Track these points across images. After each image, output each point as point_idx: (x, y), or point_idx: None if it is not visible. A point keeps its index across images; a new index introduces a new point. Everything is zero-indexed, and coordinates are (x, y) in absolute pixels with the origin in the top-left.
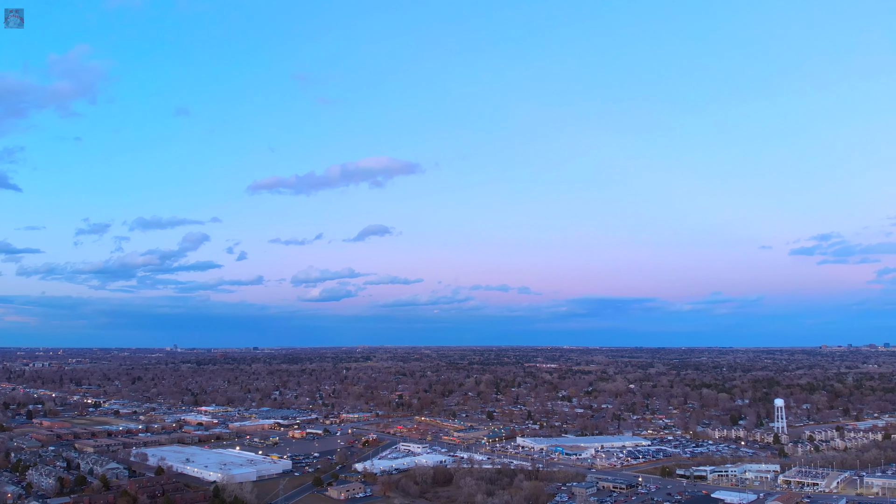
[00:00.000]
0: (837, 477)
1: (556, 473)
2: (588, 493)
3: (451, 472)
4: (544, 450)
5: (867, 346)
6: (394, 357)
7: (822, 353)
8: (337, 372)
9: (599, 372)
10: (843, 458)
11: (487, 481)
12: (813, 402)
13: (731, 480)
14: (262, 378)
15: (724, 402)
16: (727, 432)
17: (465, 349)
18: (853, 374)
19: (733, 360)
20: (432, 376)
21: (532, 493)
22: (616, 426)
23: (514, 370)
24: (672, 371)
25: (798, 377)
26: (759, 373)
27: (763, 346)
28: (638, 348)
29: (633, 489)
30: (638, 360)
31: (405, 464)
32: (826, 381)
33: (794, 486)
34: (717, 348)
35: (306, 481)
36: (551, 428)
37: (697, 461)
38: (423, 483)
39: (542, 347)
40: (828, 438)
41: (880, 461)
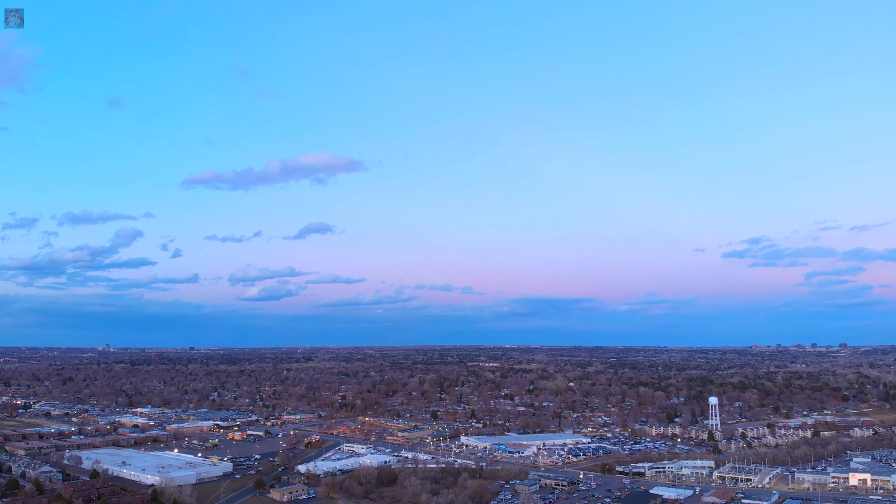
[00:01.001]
0: (769, 473)
1: (499, 472)
2: (531, 491)
3: (396, 472)
4: (488, 448)
5: (795, 347)
6: (336, 357)
7: (752, 352)
8: (277, 373)
9: (540, 371)
10: (775, 455)
11: (432, 481)
12: (745, 400)
13: (668, 477)
14: (200, 379)
15: (661, 401)
16: (664, 429)
17: (408, 349)
18: (782, 374)
19: (668, 360)
20: (376, 376)
21: (476, 491)
22: (557, 424)
23: (457, 369)
24: (610, 370)
25: (730, 376)
26: (693, 372)
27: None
28: (577, 347)
29: (575, 486)
30: (577, 359)
31: (349, 465)
32: (757, 380)
33: (729, 482)
34: (653, 347)
35: (248, 483)
36: (494, 426)
37: (636, 458)
38: (367, 484)
39: (485, 346)
40: (759, 435)
41: (810, 458)
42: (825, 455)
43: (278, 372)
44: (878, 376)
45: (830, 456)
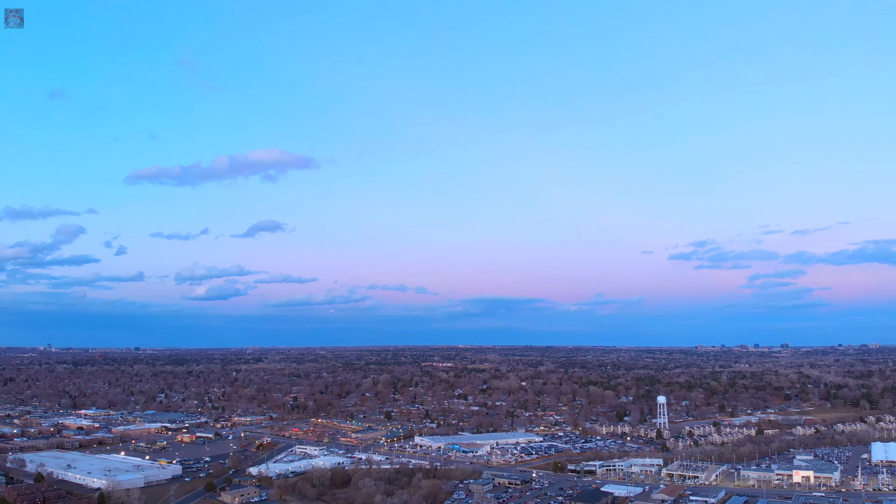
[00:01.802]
0: (716, 470)
1: (453, 471)
2: (484, 490)
3: (350, 474)
4: (442, 448)
5: (739, 347)
6: (287, 358)
7: (697, 352)
8: (226, 374)
9: (493, 370)
10: (721, 452)
11: (386, 481)
12: (691, 399)
13: (618, 474)
14: (146, 380)
15: (610, 400)
16: (614, 428)
17: (361, 349)
18: (727, 373)
19: (616, 359)
20: (328, 377)
21: (431, 491)
22: (510, 423)
23: (411, 370)
24: (561, 369)
25: (677, 375)
26: (640, 371)
27: (643, 346)
28: (528, 347)
29: (528, 485)
30: (528, 359)
31: (302, 466)
32: (702, 380)
33: (677, 479)
34: (602, 347)
35: (198, 486)
36: (448, 426)
37: (587, 456)
38: (320, 485)
39: (439, 347)
40: (706, 434)
41: (754, 455)
42: (769, 453)
43: (227, 373)
44: (818, 376)
45: (774, 454)
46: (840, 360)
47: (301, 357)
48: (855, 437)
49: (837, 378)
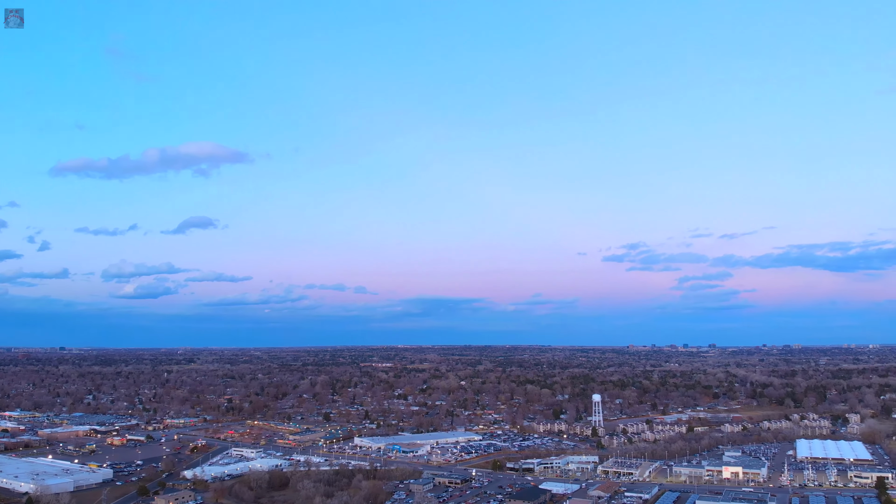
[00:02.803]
0: (649, 467)
1: (394, 472)
2: (425, 490)
3: (288, 476)
4: (382, 449)
5: (669, 347)
6: (220, 359)
7: (629, 352)
8: (157, 375)
9: (433, 370)
10: (654, 449)
11: (326, 483)
12: (624, 397)
13: (555, 472)
14: (73, 381)
15: (547, 398)
16: (551, 426)
17: (298, 350)
18: (658, 372)
19: (552, 358)
20: (264, 379)
21: (371, 492)
22: (450, 422)
23: (350, 370)
24: (499, 368)
25: (610, 374)
26: (575, 370)
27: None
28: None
29: (468, 483)
30: (468, 358)
31: (238, 469)
32: (635, 378)
33: (612, 476)
34: (538, 346)
35: (130, 491)
36: (388, 427)
37: (525, 454)
38: (258, 488)
39: (378, 347)
40: (639, 431)
41: (686, 452)
42: (699, 449)
43: (158, 374)
44: (745, 375)
45: (704, 450)
46: (765, 360)
47: (235, 358)
48: (780, 434)
49: (763, 377)
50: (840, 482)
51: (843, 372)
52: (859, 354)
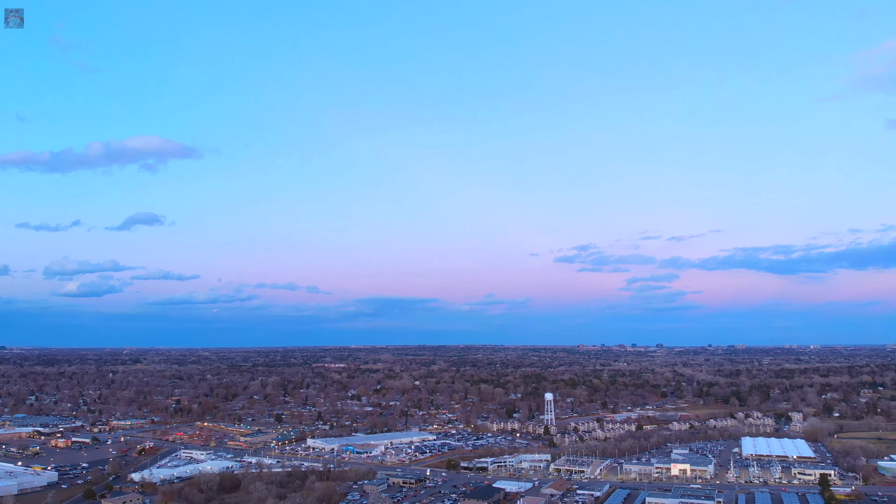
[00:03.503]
0: (600, 464)
1: (347, 473)
2: (379, 490)
3: (239, 478)
4: (335, 450)
5: (617, 346)
6: (167, 360)
7: (580, 351)
8: (102, 375)
9: (387, 370)
10: (604, 447)
11: (278, 485)
12: (576, 396)
13: (509, 470)
14: (14, 381)
15: (500, 397)
16: (504, 425)
17: (248, 351)
18: (608, 371)
19: (505, 357)
20: (213, 379)
21: (324, 493)
22: (404, 423)
23: (302, 371)
24: (453, 368)
25: (561, 373)
26: (528, 369)
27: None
28: (421, 346)
29: (422, 483)
30: (421, 358)
31: (188, 471)
32: (585, 377)
33: (564, 474)
34: (491, 346)
35: (76, 494)
36: (342, 427)
37: (479, 453)
38: (208, 490)
39: (330, 347)
40: (590, 429)
41: (635, 449)
42: (648, 447)
43: (103, 374)
44: (691, 374)
45: (653, 448)
46: (710, 360)
47: (182, 358)
48: (726, 432)
49: (709, 377)
50: (784, 479)
51: (785, 372)
52: (801, 355)
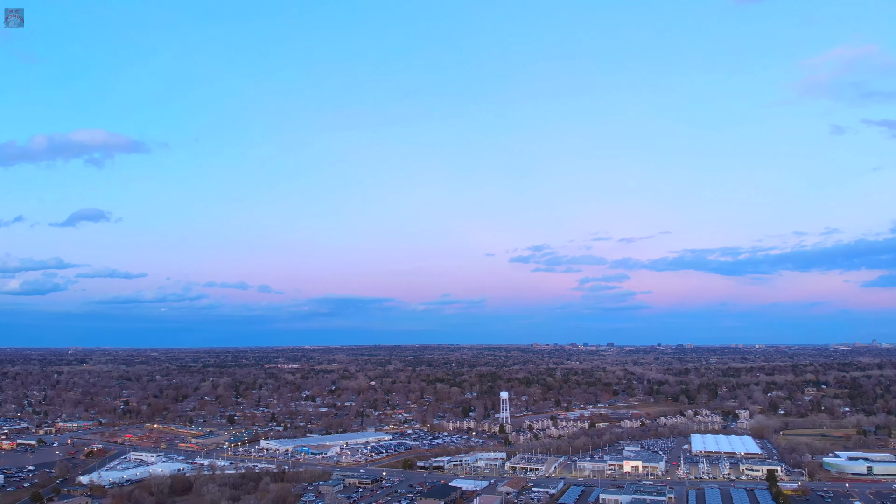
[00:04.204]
0: (555, 462)
1: (302, 474)
2: (335, 491)
3: (191, 480)
4: (290, 451)
5: (570, 345)
6: (114, 360)
7: (533, 350)
8: (47, 376)
9: (341, 370)
10: (558, 445)
11: (232, 487)
12: (530, 394)
13: (465, 469)
14: None
15: (456, 396)
16: (460, 423)
17: (198, 351)
18: (561, 370)
19: (461, 357)
20: (162, 380)
21: (279, 495)
22: (359, 423)
23: (254, 372)
24: (409, 367)
25: (516, 372)
26: (483, 368)
27: (485, 344)
28: (377, 346)
29: (378, 483)
30: (377, 358)
31: (138, 474)
32: (539, 376)
33: (519, 472)
34: (447, 345)
35: (23, 497)
36: (296, 428)
37: (435, 452)
38: (159, 493)
39: (283, 348)
40: (544, 427)
41: (588, 447)
42: (601, 444)
43: (48, 375)
44: (642, 373)
45: (606, 445)
46: (660, 359)
47: (130, 359)
48: (676, 429)
49: (658, 375)
50: (733, 475)
51: (732, 370)
52: (747, 354)
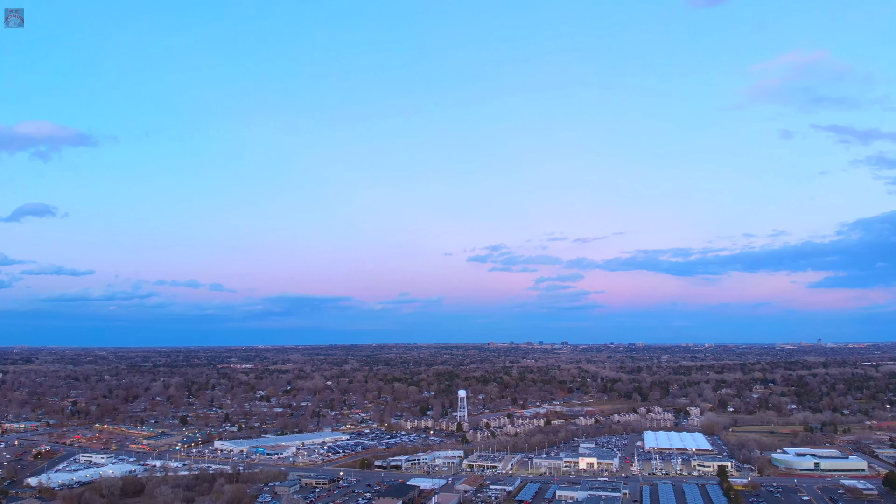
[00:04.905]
0: (511, 459)
1: (258, 475)
2: (291, 492)
3: (144, 482)
4: (245, 452)
5: (525, 344)
6: (61, 359)
7: (490, 349)
8: None
9: (297, 370)
10: (515, 443)
11: (185, 488)
12: (487, 392)
13: (423, 468)
14: None
15: (414, 395)
16: (418, 422)
17: (148, 350)
18: (517, 368)
19: (418, 356)
20: (112, 380)
21: (234, 496)
22: (316, 423)
23: (206, 371)
24: (366, 367)
25: (473, 370)
26: (440, 367)
27: (442, 343)
28: (333, 346)
29: (335, 483)
30: (333, 358)
31: (88, 476)
32: (496, 374)
33: (477, 470)
34: (404, 344)
35: None
36: (251, 429)
37: (393, 452)
38: (110, 495)
39: (236, 347)
40: (501, 425)
41: (544, 444)
42: (557, 442)
43: None
44: (595, 371)
45: (561, 442)
46: (612, 357)
47: (78, 358)
48: (629, 426)
49: (612, 373)
50: (685, 471)
51: (683, 368)
52: (696, 352)
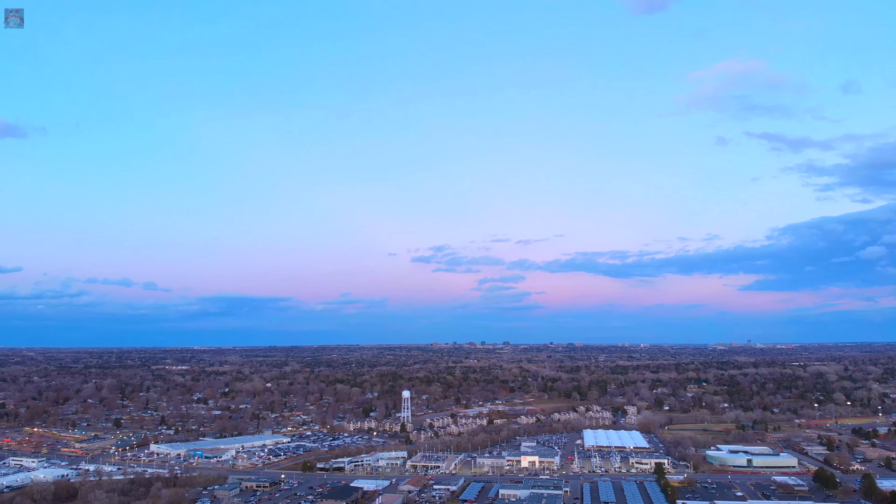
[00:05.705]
0: (455, 459)
1: (196, 478)
2: (231, 495)
3: (77, 486)
4: (182, 455)
5: (468, 344)
6: None
7: (433, 349)
8: None
9: (235, 372)
10: (458, 442)
11: (120, 493)
12: (430, 392)
13: (366, 469)
14: None
15: (357, 396)
16: (361, 424)
17: (79, 351)
18: (460, 368)
19: (361, 357)
20: (41, 382)
21: (172, 500)
22: (256, 426)
23: (141, 373)
24: (307, 368)
25: (416, 371)
26: (384, 368)
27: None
28: (272, 347)
29: (277, 486)
30: (273, 359)
31: (18, 480)
32: (439, 374)
33: (420, 470)
34: (346, 346)
35: None
36: (188, 432)
37: (336, 454)
38: (42, 500)
39: (171, 348)
40: (445, 425)
41: (487, 443)
42: (499, 441)
43: None
44: (536, 370)
45: (504, 441)
46: (552, 357)
47: (5, 359)
48: (569, 424)
49: (552, 372)
50: (623, 468)
51: (620, 368)
52: (633, 352)
